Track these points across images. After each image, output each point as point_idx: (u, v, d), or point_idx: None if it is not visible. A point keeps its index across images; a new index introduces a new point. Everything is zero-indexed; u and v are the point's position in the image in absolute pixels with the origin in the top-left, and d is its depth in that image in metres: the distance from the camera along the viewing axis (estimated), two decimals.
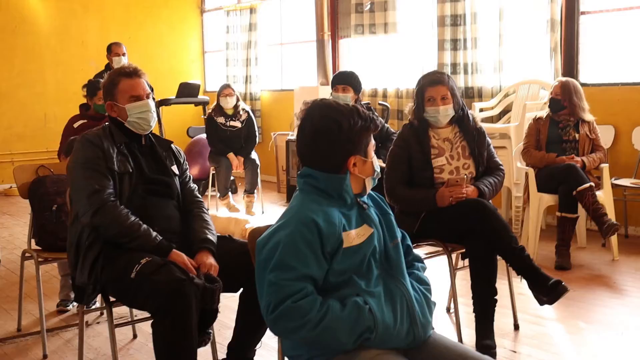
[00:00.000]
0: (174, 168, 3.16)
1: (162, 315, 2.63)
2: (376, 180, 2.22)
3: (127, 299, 2.89)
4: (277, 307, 1.95)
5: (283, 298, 1.95)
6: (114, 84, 3.10)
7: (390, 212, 2.28)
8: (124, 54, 7.19)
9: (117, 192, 2.93)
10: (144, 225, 2.88)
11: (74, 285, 2.99)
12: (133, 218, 2.87)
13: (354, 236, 2.09)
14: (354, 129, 2.11)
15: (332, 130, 2.10)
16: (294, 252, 1.99)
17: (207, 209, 3.24)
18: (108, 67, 7.15)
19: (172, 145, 3.24)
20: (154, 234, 2.88)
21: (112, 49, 7.22)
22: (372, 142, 2.20)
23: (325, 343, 1.99)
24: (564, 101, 5.20)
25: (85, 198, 2.85)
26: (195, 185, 3.28)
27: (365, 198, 2.23)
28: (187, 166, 3.29)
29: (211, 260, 2.90)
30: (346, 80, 5.29)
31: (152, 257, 2.77)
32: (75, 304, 4.29)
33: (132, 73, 3.10)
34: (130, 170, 2.98)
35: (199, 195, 3.26)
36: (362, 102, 5.45)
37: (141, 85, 3.10)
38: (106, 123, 3.13)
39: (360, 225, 2.14)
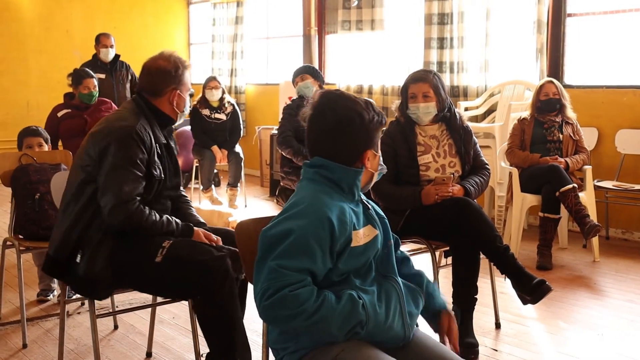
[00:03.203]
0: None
1: (213, 294, 2.68)
2: (381, 175, 2.23)
3: (152, 285, 2.85)
4: (275, 294, 1.90)
5: (282, 286, 1.91)
6: (182, 72, 2.98)
7: (385, 216, 2.26)
8: (111, 46, 7.06)
9: (146, 193, 2.84)
10: (163, 218, 2.83)
11: (74, 278, 2.82)
12: (153, 217, 2.80)
13: (361, 236, 2.07)
14: (372, 122, 2.11)
15: (355, 122, 2.08)
16: (303, 245, 1.95)
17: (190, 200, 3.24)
18: (95, 57, 7.05)
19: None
20: (173, 223, 2.87)
21: (100, 40, 7.06)
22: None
23: (316, 334, 1.97)
24: (561, 100, 5.26)
25: (112, 205, 2.71)
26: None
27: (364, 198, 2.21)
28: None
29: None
30: (302, 70, 5.79)
31: (171, 239, 2.78)
32: (55, 293, 4.26)
33: (189, 66, 3.04)
34: (162, 177, 2.90)
35: (182, 188, 3.24)
36: None
37: None
38: (135, 108, 2.92)
39: (365, 224, 2.12)
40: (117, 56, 7.16)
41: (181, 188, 3.21)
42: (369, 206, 2.19)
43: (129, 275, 2.80)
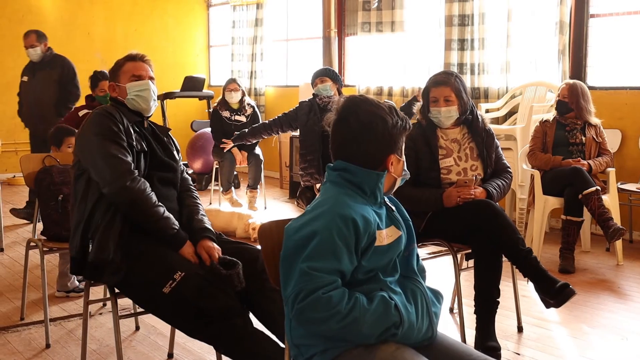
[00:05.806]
0: (175, 154, 3.17)
1: (222, 342, 2.64)
2: (404, 181, 2.24)
3: (154, 310, 2.81)
4: (307, 296, 1.93)
5: (314, 288, 1.93)
6: (118, 65, 3.12)
7: (410, 219, 2.27)
8: (31, 46, 6.60)
9: (136, 166, 2.90)
10: (167, 213, 2.86)
11: (84, 264, 2.85)
12: (157, 201, 2.85)
13: (384, 236, 2.10)
14: (396, 127, 2.13)
15: (378, 126, 2.10)
16: (329, 245, 1.97)
17: (196, 196, 3.22)
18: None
19: (169, 133, 3.23)
20: (172, 222, 2.86)
21: (23, 39, 6.59)
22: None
23: (349, 336, 1.97)
24: (570, 104, 5.20)
25: (112, 168, 2.79)
26: (189, 177, 3.25)
27: (388, 201, 2.23)
28: (181, 157, 3.26)
29: (214, 244, 2.89)
30: (322, 73, 5.98)
31: (184, 272, 2.69)
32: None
33: (137, 57, 3.13)
34: (146, 149, 2.97)
35: (193, 184, 3.25)
36: None
37: (144, 68, 3.11)
38: (109, 104, 3.09)
39: (389, 226, 2.15)
40: (48, 55, 6.64)
41: (192, 184, 3.22)
42: (393, 208, 2.21)
43: (129, 286, 2.80)
